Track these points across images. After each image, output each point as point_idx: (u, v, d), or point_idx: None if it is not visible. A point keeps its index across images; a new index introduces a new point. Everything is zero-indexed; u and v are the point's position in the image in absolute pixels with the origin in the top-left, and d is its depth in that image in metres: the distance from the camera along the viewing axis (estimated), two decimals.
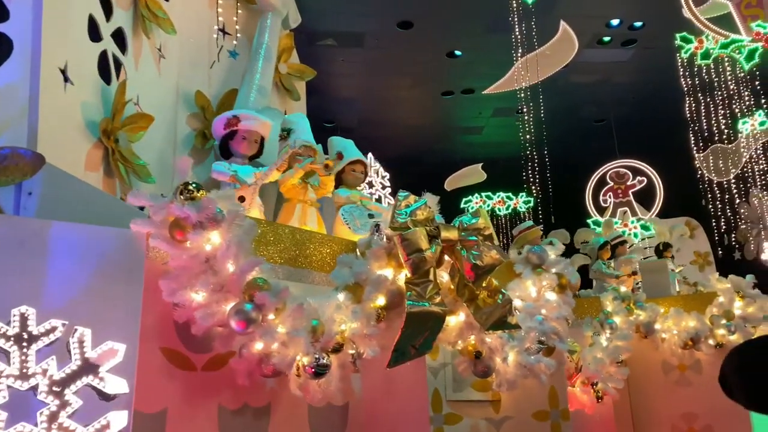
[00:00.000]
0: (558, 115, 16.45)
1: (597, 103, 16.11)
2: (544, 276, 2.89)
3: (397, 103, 16.61)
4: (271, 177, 3.12)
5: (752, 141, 14.38)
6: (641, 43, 13.74)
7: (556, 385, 2.99)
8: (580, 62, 14.65)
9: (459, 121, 17.96)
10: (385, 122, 17.58)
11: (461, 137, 18.63)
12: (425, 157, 17.67)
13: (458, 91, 16.16)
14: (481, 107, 16.96)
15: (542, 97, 15.22)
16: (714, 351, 4.24)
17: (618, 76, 15.01)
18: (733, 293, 4.37)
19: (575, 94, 15.87)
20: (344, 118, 17.25)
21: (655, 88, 14.60)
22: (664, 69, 13.98)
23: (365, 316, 2.12)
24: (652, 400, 4.48)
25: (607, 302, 4.42)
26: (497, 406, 2.85)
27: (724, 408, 4.43)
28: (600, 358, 4.07)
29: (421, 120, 17.59)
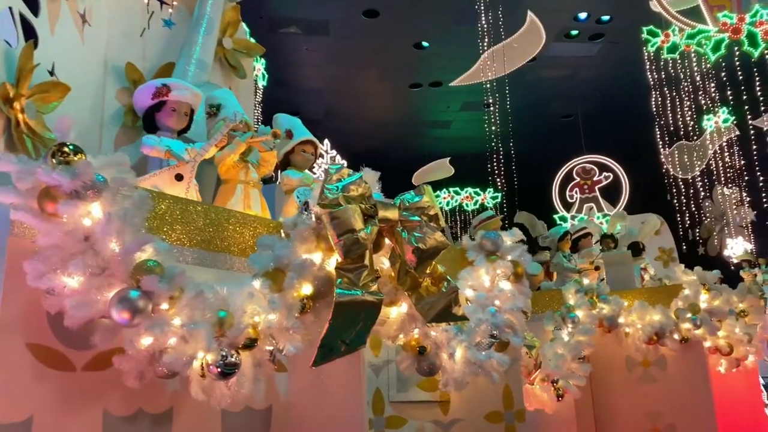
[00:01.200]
0: (526, 110, 16.35)
1: (564, 98, 16.06)
2: (499, 264, 2.63)
3: (365, 95, 16.31)
4: (208, 154, 2.79)
5: (716, 137, 14.47)
6: (608, 38, 13.69)
7: (511, 383, 2.73)
8: (547, 56, 14.55)
9: (427, 115, 17.74)
10: (352, 115, 17.26)
11: (429, 131, 18.43)
12: (393, 152, 17.40)
13: (426, 84, 15.94)
14: (449, 101, 16.77)
15: (510, 91, 15.10)
16: (679, 346, 4.05)
17: (585, 71, 14.96)
18: (698, 286, 4.19)
19: (543, 89, 15.78)
20: (310, 109, 16.87)
21: (622, 84, 14.58)
22: (630, 64, 13.96)
23: (286, 307, 1.81)
24: (616, 397, 4.29)
25: (569, 295, 4.20)
26: (446, 408, 2.58)
27: (688, 406, 4.27)
28: (561, 354, 3.84)
29: (388, 113, 17.33)
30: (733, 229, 14.43)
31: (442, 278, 2.10)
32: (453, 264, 2.76)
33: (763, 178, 11.01)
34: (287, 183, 3.10)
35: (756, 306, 4.69)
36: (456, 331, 2.31)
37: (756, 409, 4.62)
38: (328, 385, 2.07)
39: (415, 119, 17.81)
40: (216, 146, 2.75)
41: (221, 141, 2.74)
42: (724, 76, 9.77)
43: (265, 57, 13.82)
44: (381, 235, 2.09)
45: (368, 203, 2.02)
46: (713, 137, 14.48)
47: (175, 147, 2.62)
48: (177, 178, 2.48)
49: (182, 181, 2.49)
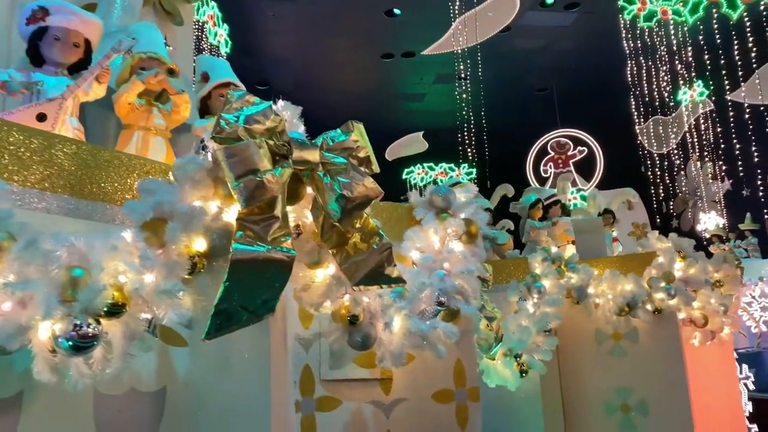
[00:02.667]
0: (500, 83, 16.04)
1: (539, 70, 15.74)
2: (450, 222, 2.28)
3: (335, 65, 15.79)
4: (91, 92, 2.38)
5: (691, 111, 14.31)
6: (584, 7, 13.36)
7: (464, 358, 2.40)
8: (522, 25, 14.18)
9: (400, 87, 17.31)
10: (323, 87, 16.74)
11: (403, 104, 18.01)
12: (365, 125, 16.95)
13: (398, 54, 15.49)
14: (423, 72, 16.34)
15: (484, 63, 14.74)
16: (652, 317, 3.77)
17: (560, 42, 14.64)
18: (673, 253, 3.90)
19: (518, 61, 15.44)
20: (279, 80, 16.31)
21: (598, 56, 14.30)
22: (606, 35, 13.66)
23: (167, 266, 1.44)
24: (584, 373, 4.01)
25: (535, 264, 3.88)
26: (387, 386, 2.24)
27: (660, 381, 4.01)
28: (525, 326, 3.54)
29: (360, 85, 16.84)
30: (706, 203, 14.37)
31: (374, 233, 1.74)
32: (399, 223, 2.41)
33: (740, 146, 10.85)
34: (197, 135, 2.70)
35: (732, 276, 4.43)
36: (394, 297, 1.96)
37: (730, 384, 4.39)
38: (234, 362, 1.71)
39: (387, 92, 17.36)
40: (98, 81, 2.34)
41: (103, 75, 2.33)
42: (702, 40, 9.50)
43: (228, 22, 13.22)
44: (300, 181, 1.72)
45: (280, 140, 1.64)
46: (688, 110, 14.32)
47: (50, 84, 2.20)
48: (38, 118, 2.07)
49: (45, 121, 2.07)
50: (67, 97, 2.18)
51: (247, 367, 1.70)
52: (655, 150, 15.00)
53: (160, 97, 2.66)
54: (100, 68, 2.29)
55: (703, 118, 13.46)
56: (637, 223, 12.42)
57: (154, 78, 2.61)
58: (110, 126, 2.90)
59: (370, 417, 2.19)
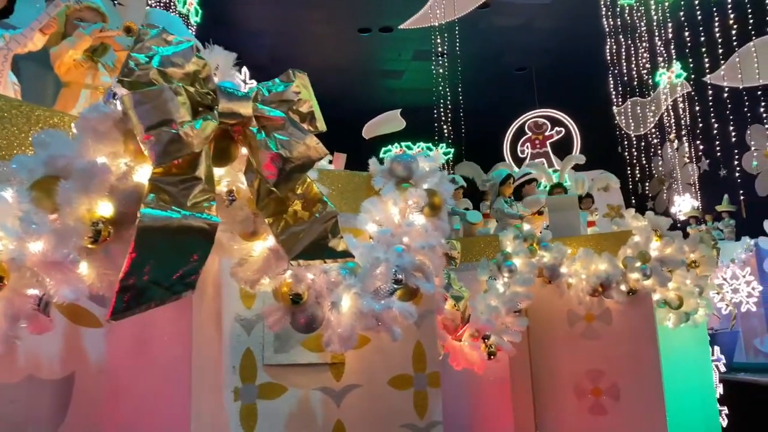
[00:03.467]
0: (479, 62, 15.79)
1: (518, 50, 15.52)
2: (411, 193, 2.07)
3: (312, 39, 15.38)
4: (29, 43, 2.11)
5: (669, 92, 14.24)
6: None
7: (425, 340, 2.21)
8: (501, 2, 13.90)
9: (378, 64, 16.96)
10: (298, 61, 16.29)
11: (381, 81, 17.69)
12: (342, 102, 16.57)
13: (376, 29, 15.12)
14: (401, 48, 16.00)
15: (463, 40, 14.48)
16: (626, 298, 3.62)
17: (540, 21, 14.41)
18: (650, 232, 3.75)
19: (497, 39, 15.18)
20: (253, 54, 15.85)
21: (577, 36, 14.11)
22: (585, 14, 13.45)
23: (58, 233, 1.21)
24: (555, 355, 3.86)
25: (507, 242, 3.70)
26: (339, 371, 2.04)
27: (632, 364, 3.87)
28: (494, 306, 3.36)
29: (337, 60, 16.46)
30: (681, 185, 14.39)
31: (317, 200, 1.52)
32: (356, 194, 2.19)
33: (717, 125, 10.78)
34: None
35: (708, 257, 4.30)
36: (345, 274, 1.75)
37: (703, 366, 4.29)
38: (153, 345, 1.48)
39: (365, 68, 17.02)
40: (42, 32, 2.07)
41: (48, 26, 2.06)
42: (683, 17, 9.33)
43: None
44: (232, 139, 1.49)
45: (203, 87, 1.40)
46: (666, 92, 14.25)
47: None
48: None
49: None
50: (13, 48, 1.91)
51: (168, 351, 1.48)
52: (632, 132, 14.94)
53: (95, 51, 2.39)
54: (48, 18, 2.02)
55: (680, 99, 13.39)
56: (612, 205, 12.34)
57: (100, 32, 2.35)
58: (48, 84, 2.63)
59: (319, 405, 1.99)
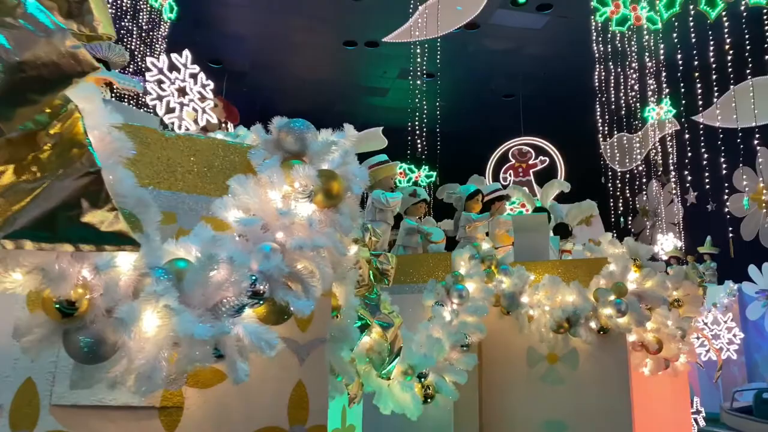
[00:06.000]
0: (467, 85, 15.42)
1: (507, 75, 15.18)
2: (299, 172, 1.48)
3: (295, 48, 14.92)
4: None
5: (657, 130, 13.90)
6: (557, 10, 12.82)
7: (309, 381, 1.59)
8: (492, 24, 13.55)
9: (362, 80, 16.54)
10: (281, 71, 15.84)
11: (364, 98, 17.25)
12: (323, 116, 16.06)
13: (362, 43, 14.70)
14: (386, 66, 15.60)
15: (452, 62, 14.11)
16: (595, 338, 3.04)
17: (530, 47, 14.08)
18: (628, 261, 3.18)
19: (485, 63, 14.83)
20: (234, 59, 15.36)
21: (567, 64, 13.78)
22: (577, 42, 13.13)
23: None
24: (510, 402, 3.25)
25: (461, 261, 3.12)
26: (173, 420, 1.42)
27: (600, 418, 3.28)
28: (436, 338, 2.76)
29: (320, 72, 16.00)
30: (665, 224, 13.97)
31: (76, 144, 0.91)
32: (226, 171, 1.59)
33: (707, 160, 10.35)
34: None
35: (693, 296, 3.75)
36: (160, 276, 1.14)
37: (682, 423, 3.69)
38: None
39: (348, 82, 16.58)
40: None
41: None
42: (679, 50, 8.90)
43: None
44: None
45: None
46: (654, 128, 13.92)
47: None
48: None
49: None
50: None
51: None
52: (618, 167, 14.57)
53: None
54: None
55: (669, 137, 13.03)
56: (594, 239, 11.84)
57: None
58: None
59: None
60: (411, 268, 3.32)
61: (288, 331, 1.55)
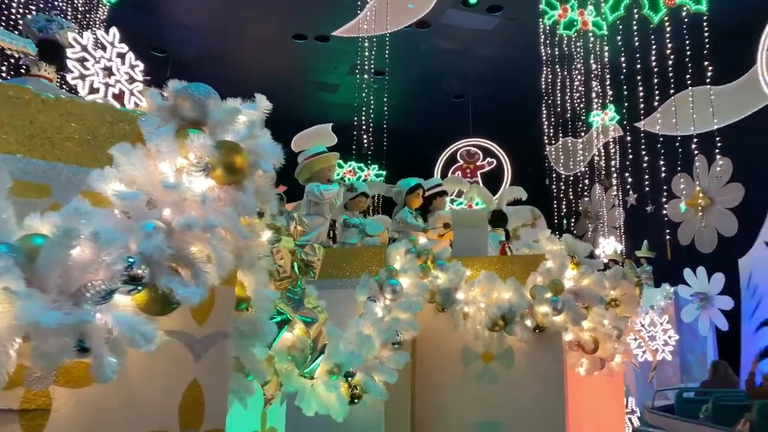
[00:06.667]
0: (417, 84, 15.37)
1: (457, 75, 15.22)
2: (194, 142, 1.29)
3: (243, 40, 14.53)
4: None
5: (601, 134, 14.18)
6: (507, 12, 12.91)
7: (206, 380, 1.41)
8: (443, 24, 13.55)
9: (312, 74, 16.27)
10: (228, 63, 15.40)
11: (314, 93, 16.98)
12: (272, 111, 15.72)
13: (312, 37, 14.45)
14: (337, 61, 15.39)
15: (403, 60, 14.04)
16: (531, 336, 2.95)
17: (481, 48, 14.15)
18: (566, 259, 3.11)
19: (436, 62, 14.82)
20: (178, 48, 14.85)
21: (516, 67, 13.90)
22: (526, 45, 13.26)
23: None
24: (443, 402, 3.13)
25: (396, 256, 2.98)
26: (37, 425, 1.21)
27: (535, 418, 3.19)
28: (366, 335, 2.61)
29: (270, 66, 15.65)
30: (607, 228, 14.27)
31: None
32: (111, 140, 1.39)
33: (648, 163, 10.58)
34: None
35: (630, 296, 3.73)
36: (1, 253, 0.94)
37: (616, 423, 3.66)
38: None
39: (299, 77, 16.28)
40: None
41: None
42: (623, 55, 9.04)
43: None
44: None
45: None
46: (598, 133, 14.19)
47: None
48: None
49: None
50: None
51: None
52: (562, 172, 14.80)
53: None
54: None
55: (612, 142, 13.31)
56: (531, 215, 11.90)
57: None
58: None
59: None
60: (344, 262, 3.16)
61: (181, 324, 1.37)
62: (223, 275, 1.29)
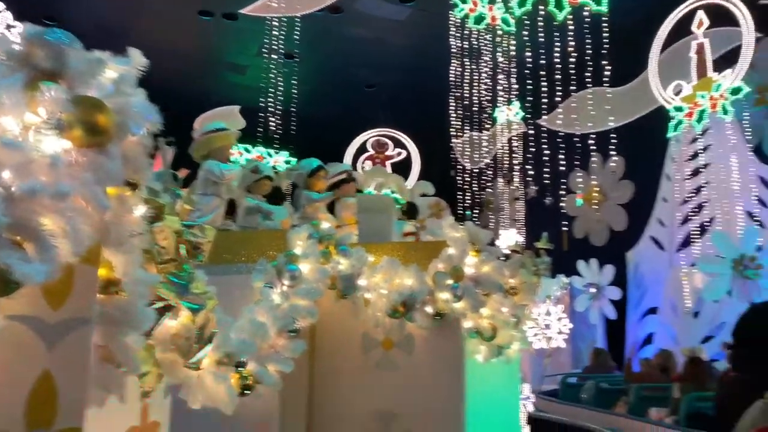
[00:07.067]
0: (328, 70, 15.16)
1: (369, 65, 15.17)
2: (46, 95, 1.10)
3: (145, 13, 13.72)
4: None
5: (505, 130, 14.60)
6: (419, 3, 12.97)
7: (60, 373, 1.23)
8: (356, 11, 13.41)
9: (219, 54, 15.63)
10: (130, 36, 14.47)
11: (222, 74, 16.33)
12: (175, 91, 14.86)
13: (219, 14, 13.87)
14: (246, 41, 14.88)
15: (314, 45, 13.80)
16: (431, 323, 2.92)
17: (393, 38, 14.14)
18: (467, 245, 3.10)
19: (348, 50, 14.68)
20: (73, 17, 13.79)
21: (426, 58, 14.02)
22: (436, 37, 13.40)
23: None
24: (342, 392, 3.04)
25: (297, 240, 2.84)
26: None
27: (431, 407, 3.14)
28: (260, 323, 2.46)
29: (175, 43, 14.85)
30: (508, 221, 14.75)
31: None
32: None
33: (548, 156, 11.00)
34: None
35: (528, 284, 3.79)
36: None
37: (512, 411, 3.72)
38: None
39: (204, 56, 15.58)
40: None
41: None
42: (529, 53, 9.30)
43: None
44: None
45: None
46: (502, 129, 14.61)
47: None
48: None
49: None
50: None
51: None
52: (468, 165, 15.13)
53: None
54: None
55: (516, 137, 13.74)
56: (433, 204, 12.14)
57: None
58: None
59: None
60: (241, 246, 2.99)
61: (30, 307, 1.17)
62: (80, 252, 1.11)
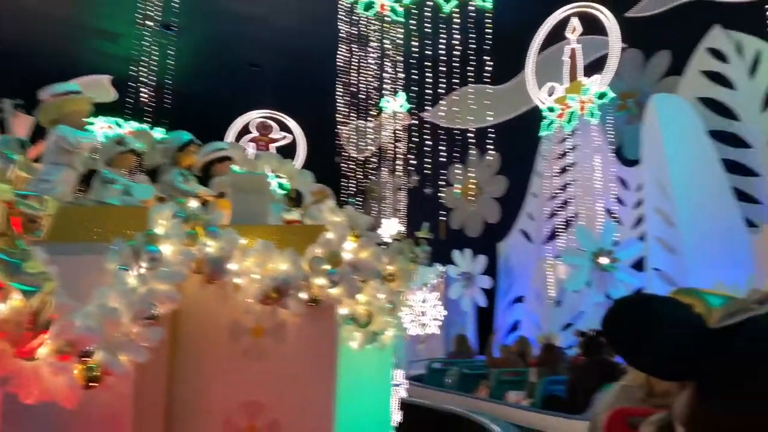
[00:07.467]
0: (211, 45, 14.49)
1: (254, 44, 14.66)
2: None
3: None
4: None
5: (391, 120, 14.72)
6: None
7: None
8: None
9: (88, 19, 14.41)
10: None
11: (92, 42, 15.05)
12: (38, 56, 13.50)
13: None
14: (119, 7, 13.80)
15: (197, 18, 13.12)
16: (305, 309, 2.80)
17: (280, 18, 13.77)
18: (346, 230, 3.01)
19: (232, 27, 14.09)
20: None
21: (313, 42, 13.79)
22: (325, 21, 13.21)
23: None
24: (206, 382, 2.84)
25: (159, 219, 2.60)
26: None
27: (300, 397, 2.97)
28: (111, 308, 2.22)
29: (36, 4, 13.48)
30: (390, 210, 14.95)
31: None
32: None
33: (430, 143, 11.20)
34: None
35: (405, 270, 3.77)
36: None
37: (383, 401, 3.68)
38: None
39: (71, 20, 14.27)
40: None
41: None
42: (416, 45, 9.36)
43: None
44: None
45: None
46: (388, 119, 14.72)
47: None
48: None
49: None
50: None
51: None
52: (353, 153, 15.11)
53: None
54: None
55: (401, 129, 13.90)
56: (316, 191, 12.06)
57: None
58: None
59: None
60: (96, 223, 2.69)
61: None
62: None
